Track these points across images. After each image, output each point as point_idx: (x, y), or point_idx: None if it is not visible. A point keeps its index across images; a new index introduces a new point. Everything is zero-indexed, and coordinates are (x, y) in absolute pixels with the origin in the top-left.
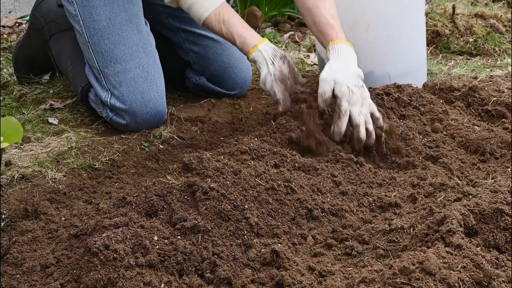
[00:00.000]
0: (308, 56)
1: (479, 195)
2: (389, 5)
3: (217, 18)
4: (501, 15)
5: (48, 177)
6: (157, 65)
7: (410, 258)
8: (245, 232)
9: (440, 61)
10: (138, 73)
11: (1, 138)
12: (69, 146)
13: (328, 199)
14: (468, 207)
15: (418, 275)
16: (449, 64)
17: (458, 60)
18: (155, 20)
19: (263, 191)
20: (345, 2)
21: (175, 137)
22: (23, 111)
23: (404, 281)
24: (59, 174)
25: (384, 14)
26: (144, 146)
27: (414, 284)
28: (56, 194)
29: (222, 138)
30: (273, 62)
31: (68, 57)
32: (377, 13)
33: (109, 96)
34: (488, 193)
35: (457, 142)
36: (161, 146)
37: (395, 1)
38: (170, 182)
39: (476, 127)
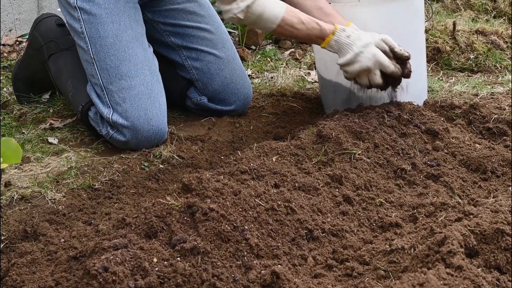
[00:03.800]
0: (309, 73)
1: (480, 215)
2: (390, 23)
3: (292, 13)
4: (502, 32)
5: (47, 197)
6: (160, 84)
7: (411, 280)
8: (245, 253)
9: (441, 78)
10: (142, 90)
11: (1, 159)
12: (69, 166)
13: (329, 219)
14: (468, 227)
15: None
16: (450, 81)
17: (459, 77)
18: (156, 41)
19: (263, 212)
20: (346, 20)
21: (175, 156)
22: (23, 131)
23: None
24: (59, 194)
25: (385, 31)
26: (144, 165)
27: None
28: (56, 215)
29: (222, 157)
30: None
31: (68, 76)
32: (378, 30)
33: (111, 112)
34: (489, 213)
35: (458, 161)
36: (161, 166)
37: (396, 18)
38: (170, 203)
39: (477, 145)
